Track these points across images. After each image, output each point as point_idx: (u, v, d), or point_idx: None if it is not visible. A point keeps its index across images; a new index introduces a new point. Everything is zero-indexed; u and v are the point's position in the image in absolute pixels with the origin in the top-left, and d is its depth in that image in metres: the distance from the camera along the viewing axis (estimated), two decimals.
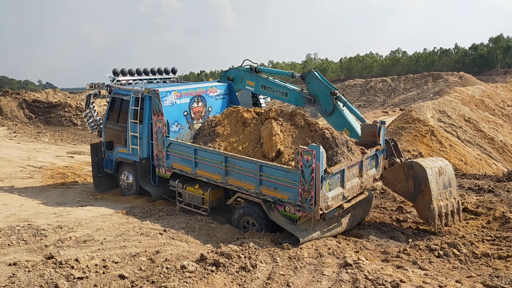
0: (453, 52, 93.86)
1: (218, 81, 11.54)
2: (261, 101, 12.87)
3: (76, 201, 10.41)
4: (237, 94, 12.21)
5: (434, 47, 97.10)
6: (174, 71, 12.35)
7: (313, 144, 7.31)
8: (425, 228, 8.68)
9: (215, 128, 9.41)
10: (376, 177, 8.90)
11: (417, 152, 17.65)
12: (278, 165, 7.83)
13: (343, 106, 9.96)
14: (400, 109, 36.11)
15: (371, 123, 9.24)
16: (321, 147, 7.15)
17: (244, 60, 11.32)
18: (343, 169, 7.69)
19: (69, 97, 31.47)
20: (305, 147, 7.34)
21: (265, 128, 8.58)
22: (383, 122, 9.13)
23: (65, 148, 19.89)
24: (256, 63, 11.21)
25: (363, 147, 8.51)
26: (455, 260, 7.07)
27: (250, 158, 8.26)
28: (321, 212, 7.26)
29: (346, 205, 7.91)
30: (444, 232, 8.50)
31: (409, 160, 8.85)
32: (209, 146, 9.02)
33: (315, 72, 10.32)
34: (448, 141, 20.04)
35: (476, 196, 10.89)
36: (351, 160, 7.92)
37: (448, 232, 8.50)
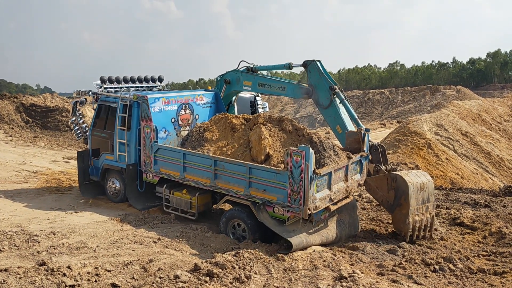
0: (451, 66, 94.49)
1: (205, 90, 11.71)
2: (260, 110, 12.86)
3: (70, 207, 10.33)
4: (234, 102, 12.20)
5: (432, 61, 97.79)
6: (160, 80, 12.44)
7: (302, 145, 7.53)
8: (421, 242, 8.63)
9: (203, 134, 9.50)
10: (360, 182, 9.13)
11: (413, 165, 17.65)
12: (268, 166, 8.04)
13: (339, 103, 9.91)
14: (398, 122, 36.23)
15: (356, 130, 9.35)
16: (310, 148, 7.39)
17: (240, 62, 11.36)
18: (330, 172, 7.92)
19: (66, 102, 31.39)
20: (294, 148, 7.54)
21: (254, 132, 8.76)
22: (367, 130, 9.30)
23: (61, 153, 19.78)
24: (252, 63, 11.22)
25: (348, 152, 8.74)
26: (451, 275, 7.02)
27: (239, 161, 8.42)
28: (309, 212, 7.46)
29: (332, 207, 8.11)
30: (440, 247, 8.46)
31: (394, 173, 8.95)
32: (198, 151, 9.10)
33: (318, 63, 10.17)
34: (445, 155, 20.07)
35: (472, 210, 10.87)
36: (338, 163, 8.15)
37: (444, 247, 8.46)
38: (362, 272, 6.72)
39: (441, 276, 6.98)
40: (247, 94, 16.90)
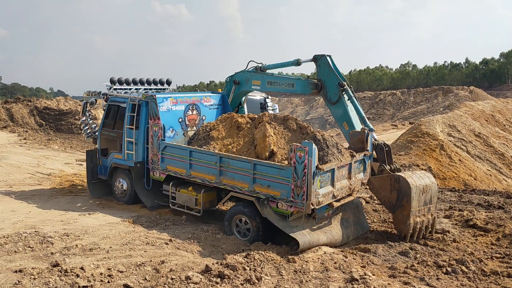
0: (464, 66, 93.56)
1: (212, 92, 11.93)
2: (270, 112, 12.88)
3: (83, 209, 10.44)
4: (244, 104, 12.29)
5: (445, 61, 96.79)
6: (169, 82, 12.71)
7: (306, 141, 7.72)
8: (434, 244, 8.57)
9: (209, 133, 9.67)
10: (363, 181, 9.20)
11: (426, 167, 17.52)
12: (272, 162, 8.20)
13: (347, 100, 9.88)
14: (410, 123, 35.97)
15: (360, 129, 9.38)
16: (314, 144, 7.55)
17: (249, 62, 11.45)
18: (333, 169, 8.05)
19: (79, 105, 31.69)
20: (298, 144, 7.69)
21: (259, 130, 8.91)
22: (371, 130, 9.39)
23: (74, 156, 20.00)
24: (260, 63, 11.30)
25: (352, 151, 8.85)
26: (464, 277, 6.96)
27: (244, 157, 8.56)
28: (312, 207, 7.58)
29: (335, 204, 8.21)
30: (453, 249, 8.39)
31: (397, 174, 8.98)
32: (204, 149, 9.27)
33: (328, 58, 10.14)
34: (458, 156, 19.87)
35: (486, 212, 10.76)
36: (341, 160, 8.28)
37: (456, 249, 8.39)
38: (373, 274, 6.71)
39: (453, 278, 6.92)
40: (257, 96, 16.93)
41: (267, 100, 17.16)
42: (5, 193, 11.58)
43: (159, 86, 12.47)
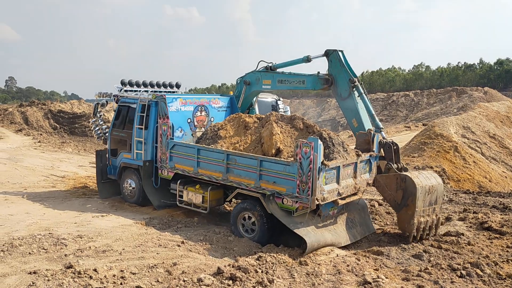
0: (478, 67, 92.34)
1: (221, 95, 12.18)
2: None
3: (96, 210, 10.53)
4: (255, 105, 12.35)
5: (458, 62, 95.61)
6: (178, 86, 12.92)
7: (312, 137, 7.87)
8: (448, 247, 8.47)
9: (217, 132, 9.82)
10: (369, 181, 9.26)
11: (440, 169, 17.34)
12: (278, 158, 8.30)
13: (358, 96, 9.86)
14: (423, 124, 35.64)
15: (367, 130, 9.41)
16: (319, 139, 7.67)
17: (259, 62, 11.52)
18: (339, 166, 8.16)
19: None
20: (304, 140, 7.81)
21: (266, 129, 9.05)
22: (376, 130, 9.45)
23: (88, 158, 20.20)
24: (270, 62, 11.35)
25: (358, 150, 8.97)
26: (478, 280, 6.86)
27: (251, 154, 8.71)
28: (317, 203, 7.68)
29: (340, 202, 8.28)
30: (467, 252, 8.28)
31: (404, 173, 8.98)
32: (212, 147, 9.44)
33: (340, 53, 10.11)
34: (472, 158, 19.63)
35: (501, 214, 10.61)
36: (347, 159, 8.37)
37: (471, 252, 8.28)
38: (386, 277, 6.64)
39: (468, 281, 6.82)
40: (268, 98, 16.94)
41: (279, 102, 17.15)
42: (20, 195, 11.73)
43: (169, 89, 12.69)
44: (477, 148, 21.43)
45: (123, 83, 11.85)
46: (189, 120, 10.80)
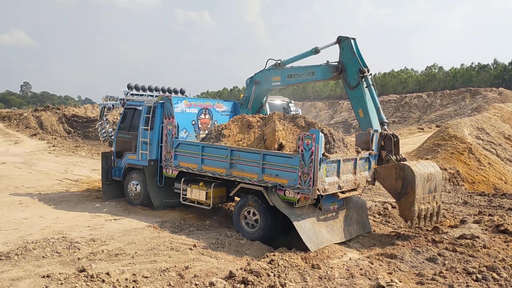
0: (492, 67, 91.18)
1: (225, 100, 12.55)
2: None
3: (109, 214, 10.59)
4: (265, 106, 12.43)
5: (472, 63, 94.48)
6: (182, 92, 13.12)
7: (313, 129, 8.23)
8: (463, 250, 8.33)
9: (221, 131, 10.03)
10: (368, 179, 9.53)
11: (454, 170, 17.13)
12: (280, 152, 8.57)
13: (366, 87, 9.88)
14: (436, 126, 35.27)
15: (365, 132, 9.59)
16: (320, 132, 7.99)
17: (268, 60, 11.65)
18: (339, 160, 8.47)
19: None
20: (305, 132, 8.13)
21: (269, 126, 9.28)
22: (376, 130, 9.61)
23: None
24: (279, 60, 11.44)
25: (357, 147, 9.23)
26: (495, 284, 6.74)
27: (254, 148, 9.04)
28: (318, 193, 7.95)
29: (341, 195, 8.57)
30: (483, 255, 8.14)
31: (402, 162, 9.16)
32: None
33: (352, 41, 10.10)
34: (487, 159, 19.34)
35: None
36: (347, 154, 8.70)
37: (487, 255, 8.14)
38: (400, 281, 6.56)
39: (484, 285, 6.70)
40: (279, 101, 16.89)
41: (290, 104, 17.09)
42: (34, 199, 11.86)
43: (173, 95, 12.80)
44: (492, 150, 21.10)
45: (129, 87, 12.20)
46: (193, 122, 11.12)
